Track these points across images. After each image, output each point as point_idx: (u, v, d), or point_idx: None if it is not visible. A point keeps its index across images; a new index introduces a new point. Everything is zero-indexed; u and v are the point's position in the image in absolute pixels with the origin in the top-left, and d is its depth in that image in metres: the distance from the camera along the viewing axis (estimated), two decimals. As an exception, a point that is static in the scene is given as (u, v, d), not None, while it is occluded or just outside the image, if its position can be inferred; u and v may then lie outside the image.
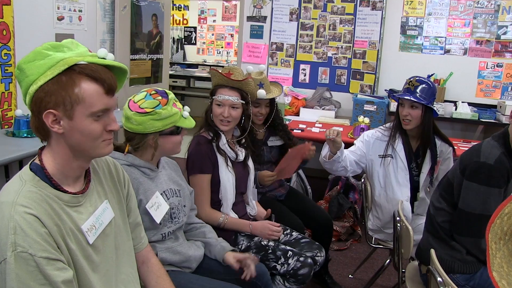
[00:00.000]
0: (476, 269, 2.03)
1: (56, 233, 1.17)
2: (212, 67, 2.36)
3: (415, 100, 2.51)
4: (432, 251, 1.85)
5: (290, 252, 2.20)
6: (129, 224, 1.53)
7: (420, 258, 2.25)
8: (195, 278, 1.91)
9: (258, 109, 2.76)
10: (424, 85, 2.56)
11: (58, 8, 3.76)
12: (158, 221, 1.82)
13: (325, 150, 2.63)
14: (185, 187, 2.08)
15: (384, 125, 2.82)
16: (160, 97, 1.80)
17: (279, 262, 2.18)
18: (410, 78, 2.61)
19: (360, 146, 2.75)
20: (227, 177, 2.30)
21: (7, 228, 1.10)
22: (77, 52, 1.22)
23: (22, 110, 3.19)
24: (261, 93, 2.66)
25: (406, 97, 2.54)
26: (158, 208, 1.83)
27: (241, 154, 2.39)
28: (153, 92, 1.82)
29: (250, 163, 2.47)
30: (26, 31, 3.44)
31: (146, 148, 1.86)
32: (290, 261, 2.17)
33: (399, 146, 2.67)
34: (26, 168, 1.26)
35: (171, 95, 1.85)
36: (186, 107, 1.92)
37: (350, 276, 3.23)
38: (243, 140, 2.45)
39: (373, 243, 2.87)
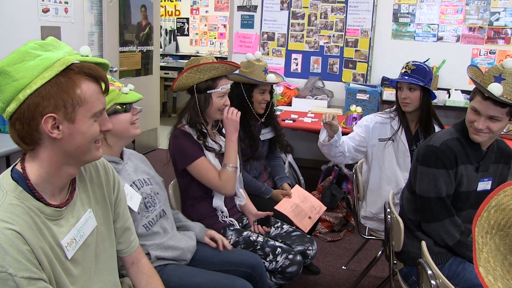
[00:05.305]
0: (445, 259, 2.04)
1: (39, 249, 1.11)
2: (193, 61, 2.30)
3: (413, 82, 2.54)
4: (423, 243, 1.82)
5: (279, 249, 2.16)
6: (116, 230, 1.47)
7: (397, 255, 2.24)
8: (195, 271, 1.90)
9: (263, 96, 2.72)
10: (420, 68, 2.58)
11: (43, 0, 3.69)
12: (136, 209, 1.78)
13: (323, 135, 2.61)
14: (155, 175, 2.03)
15: (383, 110, 2.81)
16: None
17: (268, 259, 2.14)
18: (406, 63, 2.63)
19: (359, 132, 2.74)
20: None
21: None
22: (65, 51, 1.16)
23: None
24: (271, 77, 2.64)
25: (404, 80, 2.57)
26: (132, 199, 1.78)
27: (223, 144, 2.34)
28: None
29: None
30: (9, 23, 3.37)
31: None
32: (278, 258, 2.13)
33: (400, 129, 2.68)
34: (7, 175, 1.17)
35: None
36: (130, 85, 1.83)
37: (343, 267, 3.20)
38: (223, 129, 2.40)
39: (366, 234, 2.84)
